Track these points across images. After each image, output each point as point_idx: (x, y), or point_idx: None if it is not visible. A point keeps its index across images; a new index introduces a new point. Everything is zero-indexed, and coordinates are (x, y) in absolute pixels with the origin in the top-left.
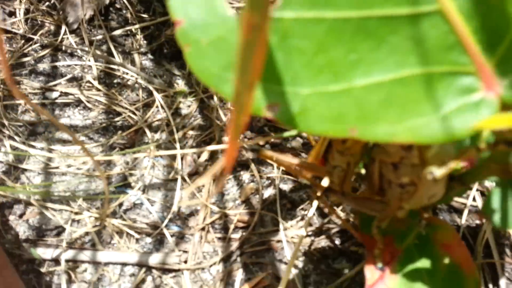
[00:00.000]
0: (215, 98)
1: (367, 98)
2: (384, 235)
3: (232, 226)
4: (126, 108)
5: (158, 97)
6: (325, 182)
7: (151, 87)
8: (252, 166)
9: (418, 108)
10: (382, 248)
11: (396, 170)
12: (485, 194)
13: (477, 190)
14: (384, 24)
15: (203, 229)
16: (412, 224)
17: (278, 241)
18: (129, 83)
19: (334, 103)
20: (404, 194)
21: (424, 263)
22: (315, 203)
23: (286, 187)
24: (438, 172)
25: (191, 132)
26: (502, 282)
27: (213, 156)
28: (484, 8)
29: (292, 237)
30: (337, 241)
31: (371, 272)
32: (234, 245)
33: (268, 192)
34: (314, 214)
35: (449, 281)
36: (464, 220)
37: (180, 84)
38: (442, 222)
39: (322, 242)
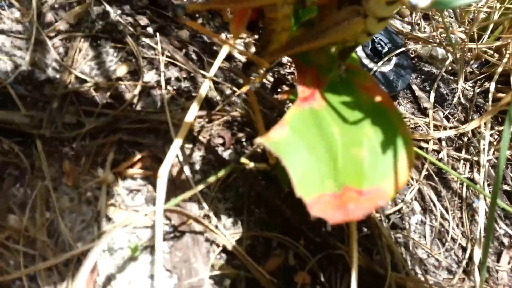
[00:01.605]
0: None
1: None
2: (310, 66)
3: (104, 100)
4: None
5: None
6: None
7: None
8: (129, 39)
9: None
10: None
11: None
12: None
13: None
14: None
15: (64, 97)
16: (333, 65)
17: (162, 123)
18: None
19: None
20: None
21: (348, 98)
22: (206, 85)
23: (171, 74)
24: None
25: None
26: None
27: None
28: None
29: (179, 120)
30: (228, 132)
31: (302, 89)
32: (105, 119)
33: (149, 77)
34: (203, 103)
35: (374, 112)
36: None
37: None
38: (360, 69)
39: (212, 130)
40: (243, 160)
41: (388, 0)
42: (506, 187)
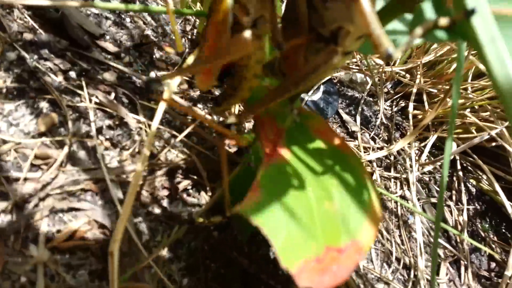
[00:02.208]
0: None
1: None
2: (267, 115)
3: (28, 163)
4: None
5: None
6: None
7: None
8: (51, 87)
9: None
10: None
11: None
12: None
13: None
14: None
15: None
16: (285, 110)
17: (98, 181)
18: None
19: None
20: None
21: (308, 146)
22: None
23: (102, 122)
24: None
25: None
26: None
27: None
28: None
29: (117, 176)
30: (173, 182)
31: (266, 144)
32: (33, 186)
33: (78, 126)
34: (140, 151)
35: (335, 159)
36: None
37: None
38: (311, 113)
39: (155, 182)
40: (199, 219)
41: (358, 35)
42: (433, 200)
